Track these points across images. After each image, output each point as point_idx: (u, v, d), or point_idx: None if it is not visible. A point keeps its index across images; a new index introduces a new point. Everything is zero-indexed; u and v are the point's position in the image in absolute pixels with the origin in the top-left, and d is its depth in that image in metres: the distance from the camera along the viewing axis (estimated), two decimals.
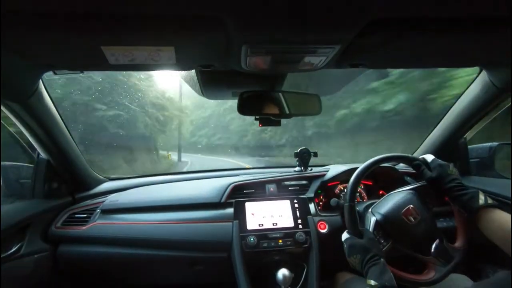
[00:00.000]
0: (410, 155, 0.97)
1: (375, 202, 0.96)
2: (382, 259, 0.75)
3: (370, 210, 0.93)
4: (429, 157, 0.92)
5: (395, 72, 7.06)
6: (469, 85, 1.15)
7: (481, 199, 0.77)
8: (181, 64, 0.77)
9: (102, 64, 0.73)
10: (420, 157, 0.94)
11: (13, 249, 0.99)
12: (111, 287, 1.40)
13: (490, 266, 1.22)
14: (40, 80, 0.92)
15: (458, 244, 0.88)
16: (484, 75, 1.05)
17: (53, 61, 0.76)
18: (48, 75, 0.88)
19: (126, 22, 0.56)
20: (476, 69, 1.10)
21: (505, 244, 0.71)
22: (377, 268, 0.73)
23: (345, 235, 0.86)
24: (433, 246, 0.86)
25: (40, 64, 0.78)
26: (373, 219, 0.90)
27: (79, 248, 1.15)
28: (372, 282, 0.70)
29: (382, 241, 0.88)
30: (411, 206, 0.88)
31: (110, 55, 0.68)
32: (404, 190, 0.94)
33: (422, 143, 1.46)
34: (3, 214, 0.97)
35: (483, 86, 1.07)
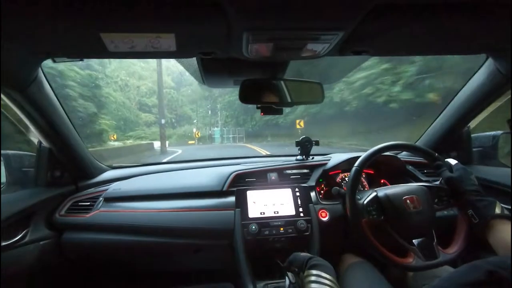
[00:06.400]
0: (434, 152, 0.98)
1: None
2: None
3: (375, 189, 0.96)
4: (453, 161, 0.94)
5: None
6: (474, 72, 1.13)
7: (497, 209, 0.78)
8: (181, 51, 0.75)
9: (101, 52, 0.72)
10: (446, 158, 0.95)
11: (19, 236, 1.00)
12: (116, 273, 1.43)
13: (489, 255, 1.23)
14: (40, 68, 0.91)
15: (450, 250, 0.90)
16: (490, 63, 1.03)
17: (52, 48, 0.75)
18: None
19: (125, 8, 0.55)
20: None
21: (504, 253, 0.72)
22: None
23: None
24: (418, 240, 0.89)
25: (38, 51, 0.77)
26: (373, 194, 0.93)
27: (83, 235, 1.17)
28: None
29: (374, 213, 0.91)
30: (416, 196, 0.89)
31: (109, 42, 0.67)
32: (418, 184, 0.97)
33: (425, 132, 1.45)
34: (7, 202, 0.98)
35: (489, 74, 1.06)
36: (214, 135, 29.58)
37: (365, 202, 0.93)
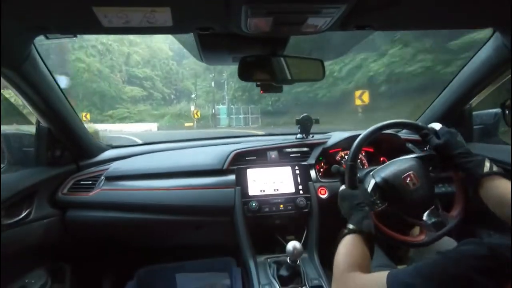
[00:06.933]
0: (418, 122, 0.96)
1: (375, 168, 0.97)
2: (367, 208, 0.77)
3: (371, 173, 0.94)
4: (437, 125, 0.91)
5: None
6: (480, 47, 1.09)
7: (486, 166, 0.78)
8: (178, 26, 0.73)
9: (95, 27, 0.69)
10: (429, 126, 0.93)
11: (23, 215, 1.02)
12: (119, 250, 1.47)
13: (485, 230, 1.26)
14: (33, 45, 0.89)
15: (453, 212, 0.91)
16: (497, 37, 1.00)
17: (44, 23, 0.73)
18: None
19: None
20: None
21: (502, 212, 0.73)
22: (360, 214, 0.75)
23: (341, 188, 0.89)
24: (427, 213, 0.89)
25: (31, 27, 0.74)
26: (372, 181, 0.91)
27: (86, 213, 1.19)
28: (351, 226, 0.73)
29: (378, 202, 0.89)
30: (412, 172, 0.89)
31: (103, 17, 0.64)
32: (409, 157, 0.95)
33: (428, 108, 1.43)
34: (9, 181, 0.99)
35: (495, 49, 1.02)
36: (219, 114, 21.94)
37: (370, 192, 0.90)
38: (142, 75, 28.30)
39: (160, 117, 24.83)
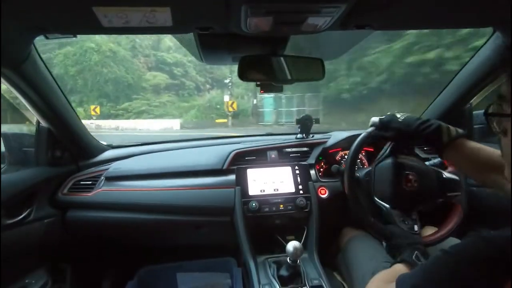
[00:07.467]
0: (369, 131, 0.93)
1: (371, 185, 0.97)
2: (416, 245, 0.77)
3: (375, 198, 0.94)
4: (375, 119, 0.90)
5: None
6: (480, 47, 1.09)
7: (444, 132, 0.77)
8: (178, 26, 0.73)
9: (95, 27, 0.69)
10: (370, 125, 0.92)
11: (23, 215, 1.02)
12: (120, 250, 1.47)
13: (485, 230, 1.26)
14: (33, 45, 0.89)
15: (451, 169, 0.94)
16: (497, 36, 1.00)
17: (44, 23, 0.73)
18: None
19: None
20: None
21: (473, 173, 0.75)
22: (409, 250, 0.75)
23: (384, 245, 0.88)
24: (446, 179, 0.91)
25: (31, 27, 0.74)
26: (389, 210, 0.90)
27: (86, 213, 1.19)
28: (399, 259, 0.74)
29: (410, 223, 0.89)
30: (404, 173, 0.89)
31: (103, 17, 0.64)
32: (384, 159, 0.95)
33: (427, 107, 1.43)
34: (9, 181, 0.99)
35: (495, 48, 1.02)
36: (263, 107, 16.02)
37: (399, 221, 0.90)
38: (172, 61, 23.31)
39: (186, 111, 19.97)
